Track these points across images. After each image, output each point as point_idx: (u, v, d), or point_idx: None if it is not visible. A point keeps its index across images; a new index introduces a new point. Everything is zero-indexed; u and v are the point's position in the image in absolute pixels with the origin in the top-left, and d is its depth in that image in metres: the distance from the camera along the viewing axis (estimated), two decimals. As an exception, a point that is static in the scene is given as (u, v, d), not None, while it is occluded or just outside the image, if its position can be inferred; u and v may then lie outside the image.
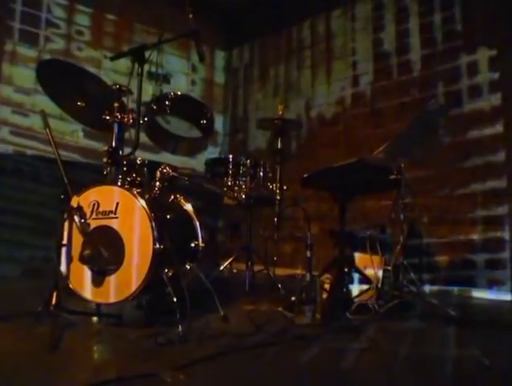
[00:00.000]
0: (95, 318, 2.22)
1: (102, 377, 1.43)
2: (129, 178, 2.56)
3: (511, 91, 3.53)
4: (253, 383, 1.53)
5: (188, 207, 2.65)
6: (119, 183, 2.45)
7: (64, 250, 2.15)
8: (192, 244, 2.53)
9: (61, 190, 2.15)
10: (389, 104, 4.24)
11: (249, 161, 3.23)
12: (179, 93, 2.90)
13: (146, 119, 2.75)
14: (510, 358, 1.88)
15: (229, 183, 3.17)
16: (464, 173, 3.68)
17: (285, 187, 3.23)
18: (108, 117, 2.52)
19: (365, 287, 2.81)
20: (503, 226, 3.45)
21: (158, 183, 2.67)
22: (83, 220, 2.15)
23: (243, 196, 3.14)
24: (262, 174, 3.26)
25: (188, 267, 2.41)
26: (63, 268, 2.15)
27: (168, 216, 2.50)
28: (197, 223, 2.60)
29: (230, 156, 3.24)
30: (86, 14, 4.71)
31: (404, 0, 4.24)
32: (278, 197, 3.18)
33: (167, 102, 2.79)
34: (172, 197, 2.66)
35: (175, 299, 2.05)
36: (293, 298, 2.36)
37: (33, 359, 1.63)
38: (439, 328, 2.31)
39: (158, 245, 2.10)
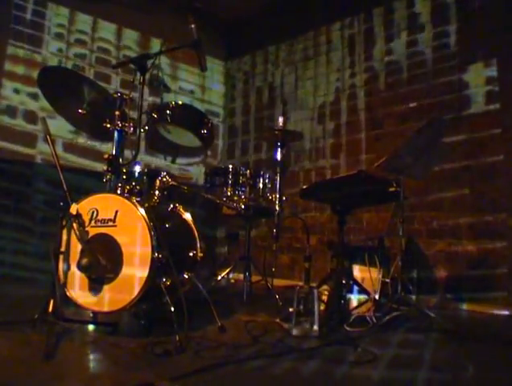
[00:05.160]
0: (91, 327, 2.20)
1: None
2: (128, 187, 2.56)
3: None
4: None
5: (187, 216, 2.65)
6: (119, 191, 2.45)
7: (61, 257, 2.15)
8: (191, 254, 2.52)
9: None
10: (387, 116, 4.25)
11: (248, 171, 3.23)
12: (180, 102, 2.91)
13: (146, 128, 2.76)
14: (507, 373, 1.87)
15: (229, 193, 3.17)
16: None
17: (284, 198, 3.22)
18: (109, 125, 2.53)
19: (363, 299, 2.80)
20: (502, 239, 3.45)
21: (157, 192, 2.67)
22: (81, 228, 2.15)
23: (242, 206, 3.14)
24: (261, 184, 3.26)
25: (186, 276, 2.40)
26: (60, 275, 2.15)
27: (167, 225, 2.50)
28: (196, 233, 2.59)
29: (230, 166, 3.24)
30: (87, 22, 4.73)
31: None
32: (277, 208, 3.16)
33: (167, 111, 2.79)
34: (171, 206, 2.66)
35: (172, 309, 2.05)
36: (291, 310, 2.35)
37: (28, 367, 1.62)
38: (437, 341, 2.30)
39: (156, 254, 2.10)
